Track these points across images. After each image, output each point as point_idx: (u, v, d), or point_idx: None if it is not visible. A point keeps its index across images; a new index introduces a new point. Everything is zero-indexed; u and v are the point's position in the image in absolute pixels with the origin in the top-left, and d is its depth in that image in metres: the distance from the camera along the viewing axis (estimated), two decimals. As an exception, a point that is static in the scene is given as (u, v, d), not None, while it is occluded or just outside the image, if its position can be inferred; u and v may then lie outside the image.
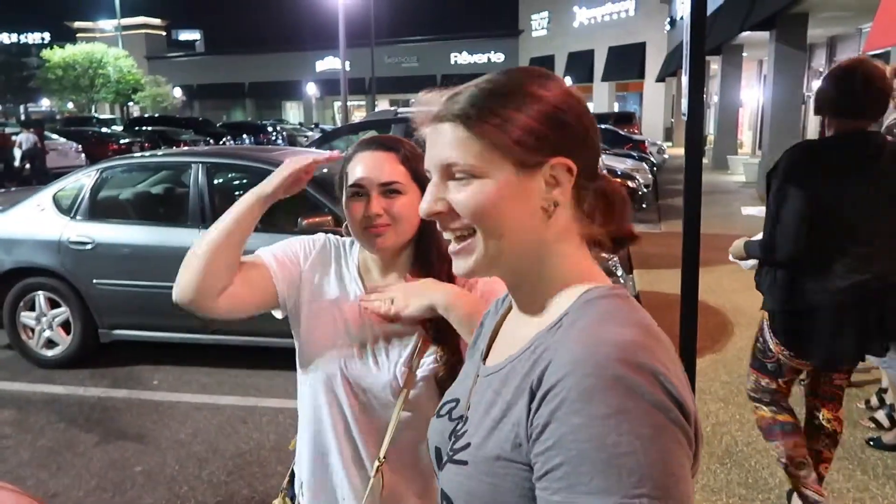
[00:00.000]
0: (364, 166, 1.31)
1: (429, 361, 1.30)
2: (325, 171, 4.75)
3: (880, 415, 3.61)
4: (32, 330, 4.82)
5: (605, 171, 0.85)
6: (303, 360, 1.37)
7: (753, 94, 22.03)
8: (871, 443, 3.44)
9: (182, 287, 1.28)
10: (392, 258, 1.37)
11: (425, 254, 1.36)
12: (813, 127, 15.79)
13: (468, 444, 0.78)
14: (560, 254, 0.81)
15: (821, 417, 2.71)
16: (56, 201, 4.85)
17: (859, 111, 2.39)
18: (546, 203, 0.78)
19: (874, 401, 3.80)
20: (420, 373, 1.29)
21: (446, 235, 0.83)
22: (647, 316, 0.76)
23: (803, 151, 2.51)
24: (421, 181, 1.33)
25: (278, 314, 1.41)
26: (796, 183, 2.37)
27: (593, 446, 0.63)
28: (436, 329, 1.31)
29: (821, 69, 15.28)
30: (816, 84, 15.70)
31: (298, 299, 1.38)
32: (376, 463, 1.29)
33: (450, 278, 1.35)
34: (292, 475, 1.50)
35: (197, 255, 1.28)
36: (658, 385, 0.66)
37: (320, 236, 1.45)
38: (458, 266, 0.82)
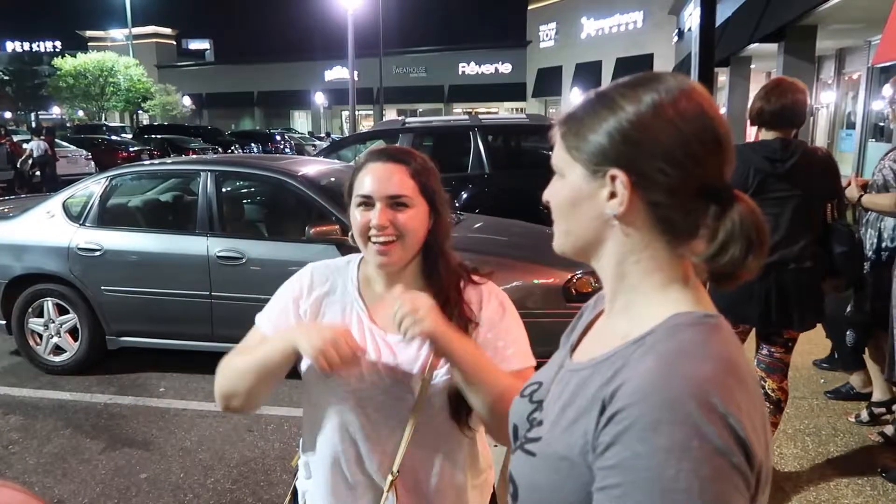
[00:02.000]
0: (373, 177, 1.31)
1: (442, 373, 1.29)
2: (332, 179, 4.77)
3: (889, 429, 3.58)
4: (40, 336, 4.84)
5: (746, 204, 0.77)
6: (310, 386, 1.36)
7: (761, 105, 21.93)
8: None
9: (229, 406, 1.34)
10: (398, 271, 1.36)
11: (433, 266, 1.35)
12: (821, 138, 15.73)
13: (539, 438, 0.80)
14: (641, 269, 0.79)
15: (766, 387, 3.03)
16: (66, 208, 4.88)
17: (779, 122, 2.88)
18: (608, 213, 0.78)
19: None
20: (434, 383, 1.28)
21: None
22: (735, 350, 0.73)
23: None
24: (429, 195, 1.32)
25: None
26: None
27: (651, 476, 0.64)
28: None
29: (829, 81, 15.23)
30: (826, 96, 15.71)
31: None
32: (390, 477, 1.28)
33: (458, 291, 1.34)
34: (294, 491, 1.48)
35: (240, 389, 1.31)
36: (727, 429, 0.65)
37: (304, 271, 1.42)
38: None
